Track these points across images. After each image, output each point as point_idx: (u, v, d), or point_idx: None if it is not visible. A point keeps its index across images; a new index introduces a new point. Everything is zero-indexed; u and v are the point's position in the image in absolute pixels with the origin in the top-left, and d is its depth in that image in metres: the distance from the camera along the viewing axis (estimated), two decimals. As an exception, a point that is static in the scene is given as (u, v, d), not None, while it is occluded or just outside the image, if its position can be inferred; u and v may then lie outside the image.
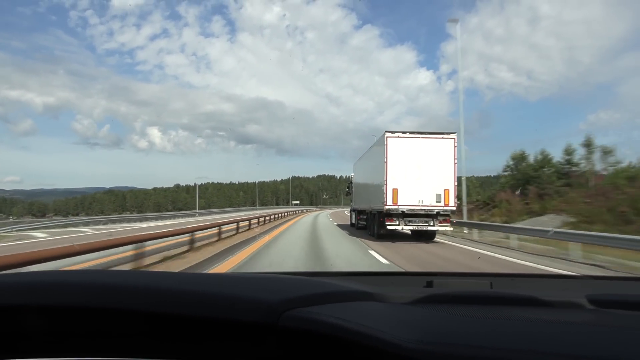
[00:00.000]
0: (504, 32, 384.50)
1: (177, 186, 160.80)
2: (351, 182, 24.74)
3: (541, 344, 0.59)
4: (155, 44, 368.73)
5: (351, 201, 25.39)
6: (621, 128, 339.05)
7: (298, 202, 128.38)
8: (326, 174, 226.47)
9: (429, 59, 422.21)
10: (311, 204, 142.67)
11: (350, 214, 24.68)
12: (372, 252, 10.61)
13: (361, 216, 20.66)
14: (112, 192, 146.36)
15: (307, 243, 13.40)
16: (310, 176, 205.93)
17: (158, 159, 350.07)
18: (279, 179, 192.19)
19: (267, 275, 1.15)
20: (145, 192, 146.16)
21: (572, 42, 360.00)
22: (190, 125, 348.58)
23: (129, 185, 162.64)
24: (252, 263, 8.62)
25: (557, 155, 24.63)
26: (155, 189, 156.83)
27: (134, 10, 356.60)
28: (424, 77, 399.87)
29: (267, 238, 14.70)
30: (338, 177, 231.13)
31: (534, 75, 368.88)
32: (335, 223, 27.59)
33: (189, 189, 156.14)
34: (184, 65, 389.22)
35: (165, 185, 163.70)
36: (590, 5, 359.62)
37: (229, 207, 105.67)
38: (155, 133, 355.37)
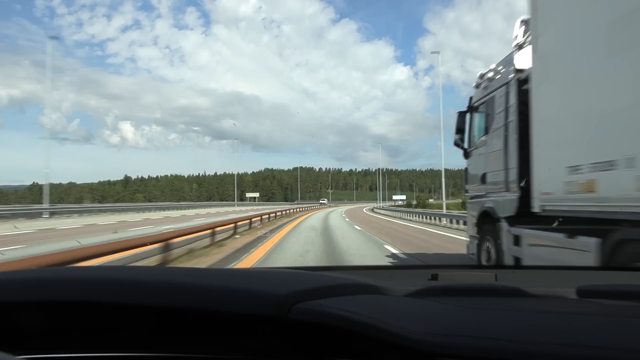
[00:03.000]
0: (480, 28, 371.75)
1: (127, 178, 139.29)
2: (476, 106, 5.78)
3: (534, 334, 0.64)
4: (126, 36, 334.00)
5: (465, 179, 6.29)
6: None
7: (257, 195, 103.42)
8: (304, 166, 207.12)
9: (406, 55, 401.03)
10: (285, 199, 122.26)
11: (473, 233, 5.65)
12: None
13: None
14: (31, 187, 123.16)
15: None
16: (286, 168, 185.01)
17: (130, 154, 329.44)
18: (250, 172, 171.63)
19: (275, 269, 1.19)
20: (72, 185, 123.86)
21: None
22: (164, 120, 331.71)
23: (98, 180, 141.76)
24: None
25: None
26: (100, 182, 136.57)
27: (104, 0, 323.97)
28: (401, 72, 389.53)
29: None
30: (317, 170, 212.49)
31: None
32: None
33: (127, 182, 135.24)
34: (157, 58, 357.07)
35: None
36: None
37: (176, 201, 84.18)
38: (127, 128, 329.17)
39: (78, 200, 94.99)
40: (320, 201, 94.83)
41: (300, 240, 12.32)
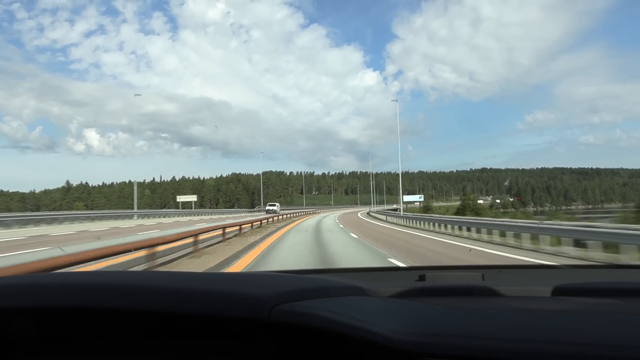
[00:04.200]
0: (447, 33, 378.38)
1: (69, 185, 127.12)
2: None
3: (515, 332, 0.66)
4: (90, 41, 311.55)
5: None
6: (555, 128, 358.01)
7: (194, 199, 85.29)
8: (274, 170, 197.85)
9: (375, 60, 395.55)
10: (252, 205, 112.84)
11: None
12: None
13: None
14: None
15: None
16: (255, 173, 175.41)
17: (97, 162, 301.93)
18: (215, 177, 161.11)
19: (258, 273, 1.18)
20: (0, 194, 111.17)
21: (512, 44, 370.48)
22: (131, 127, 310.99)
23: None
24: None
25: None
26: (45, 190, 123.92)
27: (66, 5, 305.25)
28: (370, 77, 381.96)
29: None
30: (288, 174, 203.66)
31: (475, 76, 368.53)
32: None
33: (68, 189, 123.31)
34: (122, 64, 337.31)
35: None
36: (528, 7, 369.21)
37: (120, 209, 73.67)
38: (92, 135, 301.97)
39: (5, 210, 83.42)
40: (268, 207, 59.57)
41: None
